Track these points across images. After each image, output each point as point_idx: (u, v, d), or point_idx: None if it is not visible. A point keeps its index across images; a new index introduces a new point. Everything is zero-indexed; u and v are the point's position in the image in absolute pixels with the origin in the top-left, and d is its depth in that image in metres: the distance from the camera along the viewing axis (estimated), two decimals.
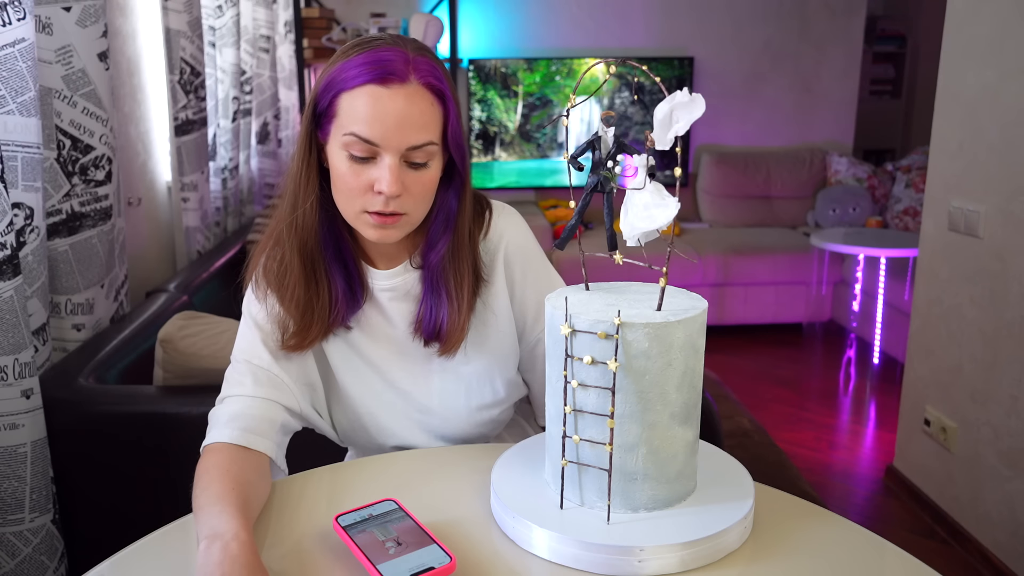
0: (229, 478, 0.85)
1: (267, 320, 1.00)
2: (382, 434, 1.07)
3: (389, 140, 0.88)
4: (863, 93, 5.21)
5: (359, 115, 0.88)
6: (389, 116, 0.87)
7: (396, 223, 0.92)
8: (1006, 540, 2.03)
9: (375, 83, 0.87)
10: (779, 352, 3.86)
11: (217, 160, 2.68)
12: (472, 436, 1.09)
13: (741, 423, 2.93)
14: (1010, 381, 2.01)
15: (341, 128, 0.89)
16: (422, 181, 0.92)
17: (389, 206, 0.90)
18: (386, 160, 0.89)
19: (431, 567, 0.72)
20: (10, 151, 1.36)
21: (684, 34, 4.57)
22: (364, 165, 0.90)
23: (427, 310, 1.00)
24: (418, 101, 0.89)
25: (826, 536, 0.82)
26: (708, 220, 4.61)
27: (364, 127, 0.88)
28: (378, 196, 0.90)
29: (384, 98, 0.87)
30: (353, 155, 0.89)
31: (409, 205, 0.92)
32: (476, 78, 4.47)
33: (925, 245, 2.38)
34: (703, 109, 0.72)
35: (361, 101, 0.88)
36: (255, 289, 1.01)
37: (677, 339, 0.75)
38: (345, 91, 0.89)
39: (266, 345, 0.99)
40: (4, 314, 1.25)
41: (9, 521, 1.29)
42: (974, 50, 2.14)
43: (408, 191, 0.91)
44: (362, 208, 0.91)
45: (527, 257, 1.05)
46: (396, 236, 0.94)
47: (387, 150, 0.89)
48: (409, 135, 0.89)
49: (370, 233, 0.93)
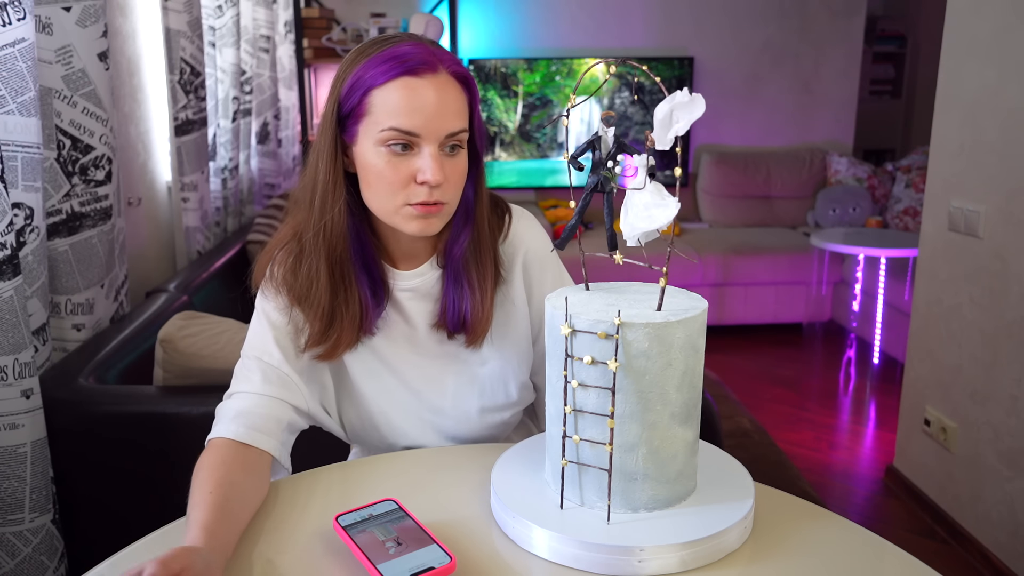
0: (214, 480, 0.84)
1: (282, 320, 0.99)
2: (393, 433, 1.07)
3: (429, 129, 0.88)
4: (863, 93, 5.21)
5: (396, 108, 0.88)
6: (428, 106, 0.88)
7: (439, 212, 0.92)
8: (1006, 540, 2.03)
9: (408, 75, 0.88)
10: (779, 352, 3.86)
11: (217, 160, 2.68)
12: (482, 437, 1.09)
13: (741, 423, 2.93)
14: (1010, 381, 2.01)
15: (377, 125, 0.89)
16: (458, 169, 0.93)
17: (433, 196, 0.90)
18: (427, 150, 0.89)
19: (431, 567, 0.72)
20: (10, 151, 1.36)
21: (684, 34, 4.57)
22: (403, 158, 0.90)
23: (450, 302, 1.00)
24: (450, 89, 0.90)
25: (826, 536, 0.82)
26: (708, 220, 4.61)
27: (404, 119, 0.88)
28: (421, 187, 0.90)
29: (419, 88, 0.88)
30: (393, 150, 0.89)
31: (449, 194, 0.93)
32: (476, 78, 4.47)
33: (925, 245, 2.38)
34: (703, 109, 0.72)
35: (397, 94, 0.88)
36: (274, 296, 0.99)
37: (677, 339, 0.75)
38: (375, 87, 0.88)
39: (278, 343, 0.98)
40: (4, 314, 1.25)
41: (9, 521, 1.29)
42: (974, 50, 2.14)
43: (447, 179, 0.91)
44: (404, 201, 0.91)
45: (545, 262, 1.05)
46: (437, 226, 0.94)
47: (427, 140, 0.89)
48: (448, 122, 0.89)
49: (412, 226, 0.92)
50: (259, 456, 0.92)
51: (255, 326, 1.00)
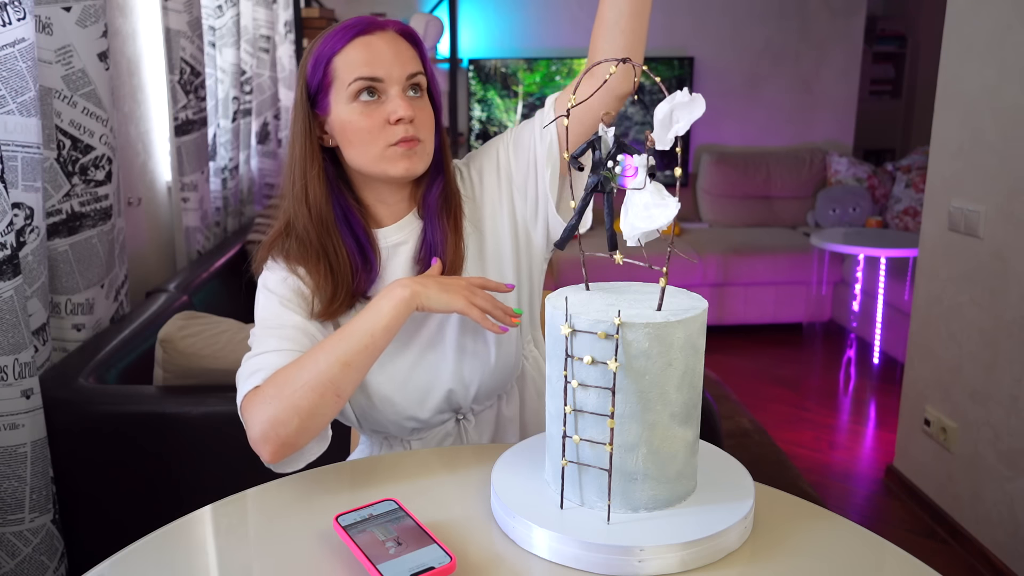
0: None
1: (289, 291, 1.01)
2: (403, 397, 1.07)
3: (391, 72, 0.98)
4: (863, 93, 5.21)
5: (358, 62, 0.97)
6: (384, 52, 0.98)
7: (418, 147, 1.00)
8: (1006, 540, 2.03)
9: (361, 35, 0.98)
10: (779, 352, 3.86)
11: (217, 160, 2.68)
12: (493, 370, 1.09)
13: (741, 423, 2.93)
14: (1010, 381, 2.01)
15: (343, 83, 0.98)
16: (425, 110, 1.02)
17: (409, 132, 0.98)
18: (392, 91, 0.98)
19: (431, 567, 0.72)
20: (10, 151, 1.36)
21: (684, 34, 4.57)
22: (374, 105, 0.98)
23: (427, 238, 1.06)
24: (399, 42, 1.00)
25: (826, 536, 0.82)
26: (708, 220, 4.61)
27: (366, 68, 0.97)
28: (396, 126, 0.98)
29: (373, 42, 0.98)
30: (363, 101, 0.98)
31: (423, 131, 1.00)
32: (476, 78, 4.47)
33: (925, 245, 2.38)
34: (703, 109, 0.72)
35: (355, 51, 0.98)
36: (276, 270, 1.02)
37: (677, 339, 0.75)
38: (336, 54, 0.98)
39: (287, 308, 1.00)
40: (4, 314, 1.25)
41: (9, 521, 1.29)
42: (974, 50, 2.14)
43: (417, 116, 0.99)
44: (385, 143, 0.99)
45: (484, 151, 1.12)
46: (420, 166, 1.01)
47: (391, 82, 0.98)
48: (405, 65, 0.99)
49: (399, 167, 0.99)
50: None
51: (262, 304, 1.02)
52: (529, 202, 1.09)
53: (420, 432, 1.11)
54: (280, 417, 0.88)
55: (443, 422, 1.12)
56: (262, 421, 0.88)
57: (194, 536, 0.84)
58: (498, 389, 1.13)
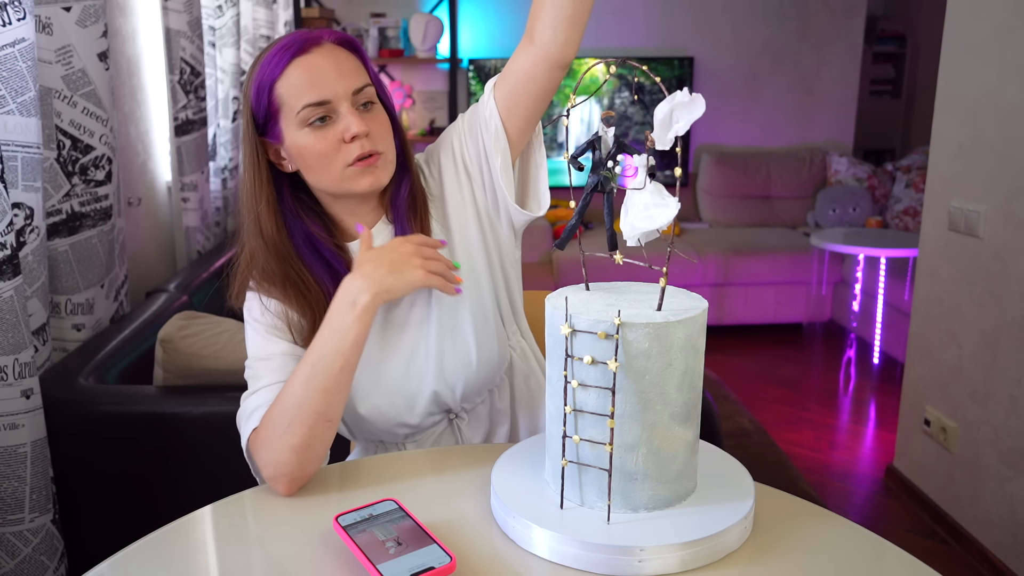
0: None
1: (271, 317, 1.01)
2: (391, 405, 1.06)
3: (337, 92, 0.96)
4: (863, 93, 5.21)
5: (301, 86, 0.95)
6: (326, 70, 0.95)
7: (378, 161, 0.98)
8: (1006, 540, 2.03)
9: (299, 54, 0.95)
10: (779, 352, 3.86)
11: (217, 160, 2.68)
12: (476, 369, 1.08)
13: (741, 423, 2.93)
14: (1010, 381, 2.01)
15: (292, 111, 0.96)
16: (379, 120, 1.00)
17: (365, 147, 0.97)
18: (342, 108, 0.96)
19: (431, 567, 0.72)
20: (10, 151, 1.36)
21: (684, 34, 4.57)
22: (326, 128, 0.96)
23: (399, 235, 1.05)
24: (339, 54, 0.98)
25: (826, 536, 0.82)
26: (708, 220, 4.61)
27: (311, 93, 0.95)
28: (352, 144, 0.96)
29: (312, 61, 0.95)
30: (314, 126, 0.96)
31: (380, 143, 0.99)
32: (476, 78, 4.47)
33: (925, 245, 2.38)
34: (703, 109, 0.72)
35: (295, 74, 0.95)
36: (253, 297, 1.03)
37: (677, 339, 0.75)
38: (276, 80, 0.96)
39: (272, 336, 1.00)
40: (4, 314, 1.25)
41: (9, 521, 1.29)
42: (974, 50, 2.14)
43: (372, 130, 0.98)
44: (344, 163, 0.97)
45: (441, 143, 1.10)
46: (385, 177, 1.00)
47: (339, 102, 0.96)
48: (350, 79, 0.97)
49: (363, 182, 0.98)
50: None
51: (248, 332, 1.03)
52: (488, 192, 1.07)
53: (414, 435, 1.12)
54: (279, 459, 0.90)
55: (435, 423, 1.12)
56: (266, 464, 0.91)
57: (194, 536, 0.84)
58: (486, 385, 1.12)
